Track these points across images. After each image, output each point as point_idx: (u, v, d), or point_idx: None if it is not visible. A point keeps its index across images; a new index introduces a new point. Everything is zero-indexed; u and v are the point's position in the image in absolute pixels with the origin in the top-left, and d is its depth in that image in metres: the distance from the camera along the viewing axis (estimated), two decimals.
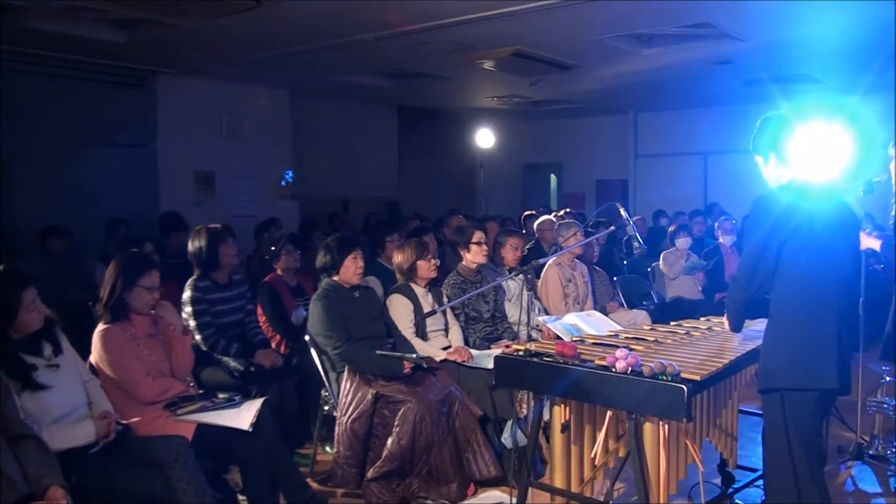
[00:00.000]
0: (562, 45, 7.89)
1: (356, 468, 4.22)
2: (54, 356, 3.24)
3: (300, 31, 7.17)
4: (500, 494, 4.29)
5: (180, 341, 3.81)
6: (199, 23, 6.79)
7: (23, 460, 2.65)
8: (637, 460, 3.04)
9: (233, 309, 4.96)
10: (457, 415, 4.32)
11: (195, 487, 3.14)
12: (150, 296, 3.67)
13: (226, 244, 4.87)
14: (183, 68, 9.06)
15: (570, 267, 6.00)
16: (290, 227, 8.82)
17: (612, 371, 3.05)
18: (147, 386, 3.56)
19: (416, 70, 9.28)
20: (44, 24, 6.89)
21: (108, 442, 3.21)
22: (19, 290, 3.09)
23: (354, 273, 4.61)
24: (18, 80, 8.09)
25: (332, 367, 4.55)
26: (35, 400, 3.05)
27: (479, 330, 5.17)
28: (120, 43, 7.60)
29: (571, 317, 4.80)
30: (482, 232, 5.33)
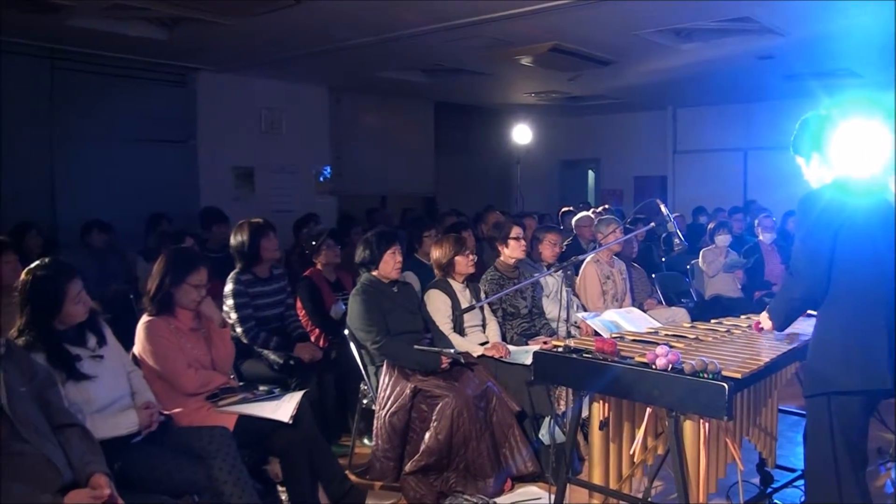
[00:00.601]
0: (601, 40, 7.85)
1: (394, 461, 4.25)
2: (98, 347, 3.30)
3: (339, 27, 7.21)
4: (538, 490, 4.29)
5: (220, 334, 3.87)
6: (240, 20, 6.86)
7: (67, 448, 2.70)
8: (677, 458, 3.02)
9: (273, 303, 5.03)
10: (494, 410, 4.32)
11: (236, 477, 3.19)
12: (196, 293, 3.72)
13: (267, 238, 4.94)
14: (223, 65, 9.16)
15: (609, 264, 5.97)
16: (328, 222, 8.89)
17: (653, 368, 3.03)
18: (189, 378, 3.62)
19: (453, 66, 9.29)
20: (90, 22, 7.02)
21: (151, 432, 3.25)
22: (65, 281, 3.15)
23: (393, 268, 4.63)
24: (64, 77, 8.25)
25: (371, 362, 4.58)
26: (79, 390, 3.11)
27: (516, 326, 5.17)
28: (162, 41, 7.70)
29: (611, 313, 4.77)
30: (520, 227, 5.31)
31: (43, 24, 6.95)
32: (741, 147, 12.63)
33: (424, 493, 4.11)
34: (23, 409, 2.62)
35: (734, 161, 12.75)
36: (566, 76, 9.79)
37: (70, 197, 8.30)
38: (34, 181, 8.09)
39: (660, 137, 13.55)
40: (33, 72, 8.02)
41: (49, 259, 3.28)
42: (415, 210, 11.19)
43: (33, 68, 8.01)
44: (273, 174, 10.25)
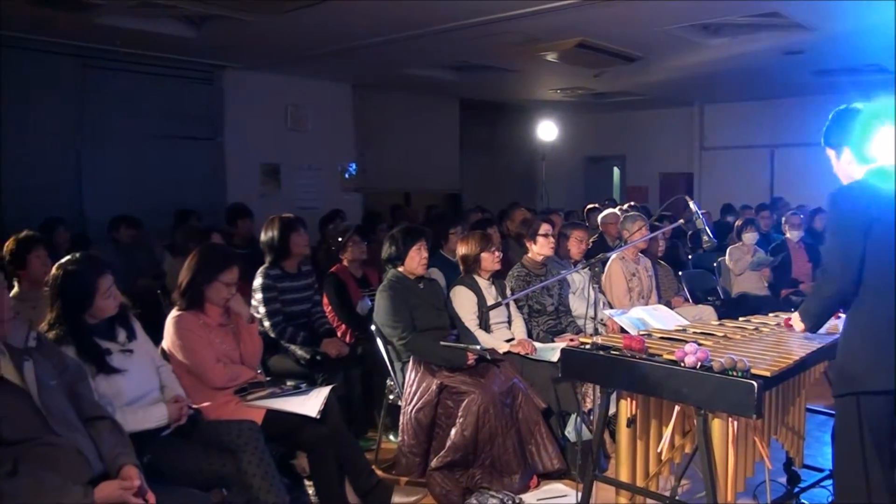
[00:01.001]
0: (628, 36, 7.81)
1: (420, 457, 4.26)
2: (128, 341, 3.33)
3: (366, 24, 7.23)
4: (563, 488, 4.29)
5: (248, 330, 3.89)
6: (267, 18, 6.90)
7: (98, 440, 2.73)
8: (705, 456, 3.00)
9: (301, 298, 5.07)
10: (520, 407, 4.32)
11: (264, 471, 3.21)
12: (227, 291, 3.75)
13: (297, 233, 4.99)
14: (250, 63, 9.24)
15: (634, 261, 5.94)
16: (353, 219, 8.93)
17: (681, 365, 3.01)
18: (217, 372, 3.65)
19: (479, 62, 9.29)
20: (119, 20, 7.10)
21: (180, 425, 3.28)
22: (96, 276, 3.19)
23: (419, 264, 4.64)
24: (93, 75, 8.34)
25: (398, 357, 4.59)
26: (109, 383, 3.14)
27: (542, 323, 5.16)
28: (190, 38, 7.78)
29: (638, 310, 4.76)
30: (549, 224, 5.30)
31: (72, 22, 7.03)
32: (768, 144, 12.53)
33: (450, 489, 4.11)
34: (54, 401, 2.65)
35: (761, 158, 12.64)
36: (592, 72, 9.75)
37: (98, 193, 8.40)
38: (63, 177, 8.22)
39: (686, 134, 13.47)
40: (62, 70, 8.13)
41: (80, 254, 3.32)
42: (439, 207, 11.20)
43: (62, 66, 8.12)
44: (299, 171, 10.33)
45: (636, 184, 14.43)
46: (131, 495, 2.56)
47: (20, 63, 7.71)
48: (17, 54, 7.66)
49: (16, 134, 7.69)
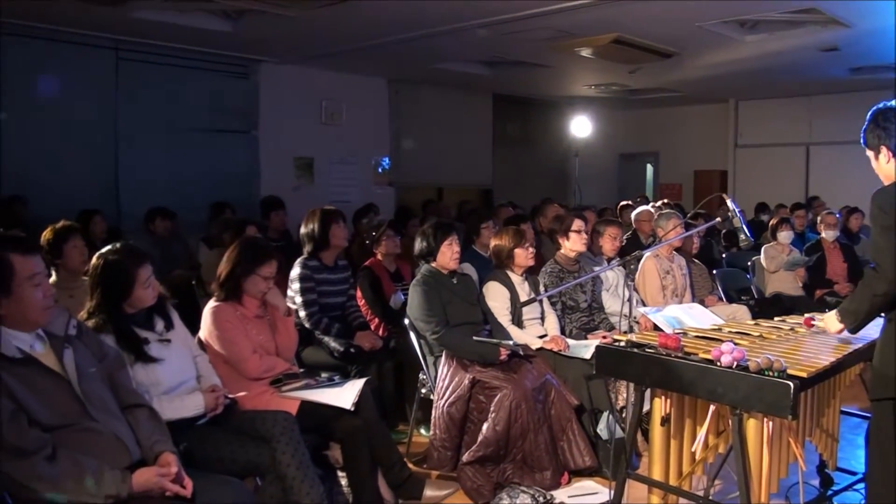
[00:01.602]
0: (664, 32, 7.77)
1: (452, 451, 4.25)
2: (166, 331, 3.36)
3: (401, 19, 7.25)
4: (594, 485, 4.28)
5: (284, 322, 3.93)
6: (303, 12, 6.94)
7: (136, 427, 2.77)
8: (740, 456, 2.98)
9: (337, 291, 5.11)
10: (553, 403, 4.31)
11: (299, 461, 3.23)
12: (265, 284, 3.80)
13: (337, 226, 5.05)
14: (284, 57, 9.29)
15: (668, 259, 5.90)
16: (385, 213, 8.95)
17: (717, 365, 2.99)
18: (253, 363, 3.69)
19: (513, 58, 9.28)
20: (153, 14, 7.20)
21: (216, 414, 3.32)
22: (135, 266, 3.22)
23: (450, 259, 4.64)
24: (128, 68, 8.45)
25: (430, 352, 4.60)
26: (147, 372, 3.17)
27: (575, 319, 5.14)
28: (226, 32, 7.86)
29: (673, 308, 4.73)
30: (582, 220, 5.28)
31: (107, 16, 7.13)
32: (804, 141, 12.39)
33: (481, 484, 4.11)
34: (93, 388, 2.69)
35: (796, 156, 12.50)
36: (627, 68, 9.71)
37: (133, 185, 8.53)
38: (99, 169, 8.35)
39: (721, 131, 13.35)
40: (98, 63, 8.25)
41: (120, 244, 3.36)
42: (471, 202, 11.21)
43: (98, 60, 8.25)
44: (332, 164, 10.39)
45: (670, 181, 14.33)
46: (169, 482, 2.60)
47: (57, 56, 7.85)
48: (54, 47, 7.80)
49: (53, 126, 7.83)
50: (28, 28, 7.48)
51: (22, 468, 2.39)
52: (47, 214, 6.61)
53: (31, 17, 7.23)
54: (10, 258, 2.53)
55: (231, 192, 8.81)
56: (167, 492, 2.59)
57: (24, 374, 2.52)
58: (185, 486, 2.64)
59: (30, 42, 7.62)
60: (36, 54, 7.70)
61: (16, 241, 2.68)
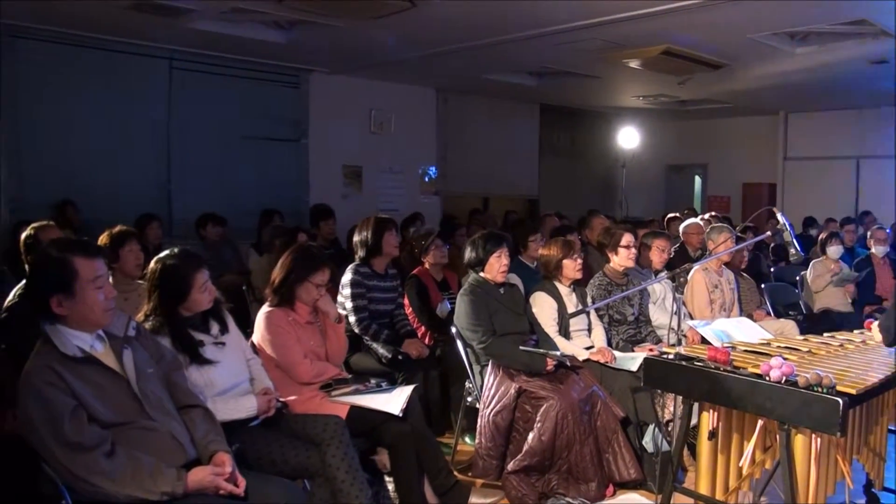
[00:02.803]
0: (714, 43, 7.72)
1: (497, 460, 4.27)
2: (221, 334, 3.44)
3: (452, 30, 7.31)
4: (639, 498, 4.26)
5: (335, 328, 4.00)
6: (356, 23, 7.03)
7: (191, 427, 2.84)
8: (787, 472, 2.96)
9: (386, 298, 5.17)
10: (599, 415, 4.31)
11: (349, 464, 3.28)
12: (317, 292, 3.87)
13: (390, 234, 5.12)
14: (335, 67, 9.42)
15: (717, 273, 5.86)
16: (431, 222, 9.01)
17: (766, 379, 2.98)
18: (305, 367, 3.76)
19: (562, 69, 9.29)
20: (208, 25, 7.34)
21: (268, 416, 3.39)
22: (193, 271, 3.31)
23: (499, 271, 4.64)
24: (182, 77, 8.64)
25: (477, 360, 4.62)
26: (202, 374, 3.25)
27: (622, 332, 5.13)
28: (278, 43, 7.99)
29: (721, 322, 4.70)
30: (631, 235, 5.26)
31: (163, 26, 7.31)
32: (854, 154, 12.18)
33: (526, 493, 4.13)
34: (150, 388, 2.78)
35: (846, 169, 12.29)
36: (676, 80, 9.65)
37: (185, 191, 8.70)
38: (152, 176, 8.53)
39: (770, 143, 13.19)
40: (152, 72, 8.45)
41: (178, 249, 3.45)
42: (517, 212, 11.22)
43: (152, 69, 8.44)
44: (380, 173, 10.51)
45: (718, 193, 14.19)
46: (223, 480, 2.66)
47: (113, 65, 8.06)
48: (111, 57, 8.00)
49: (107, 133, 8.03)
50: (86, 38, 7.71)
51: (81, 462, 2.48)
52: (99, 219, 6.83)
53: (89, 27, 7.46)
54: (74, 261, 2.62)
55: (280, 200, 8.94)
56: (221, 490, 2.65)
57: (84, 373, 2.61)
58: (239, 486, 2.69)
59: (87, 52, 7.85)
60: (93, 64, 7.91)
61: (79, 244, 2.78)
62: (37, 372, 2.55)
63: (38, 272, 2.71)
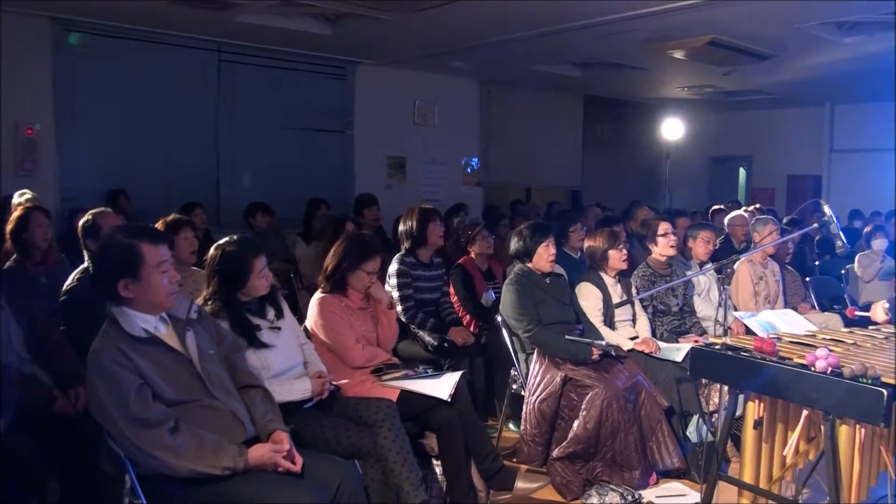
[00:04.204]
0: (761, 34, 7.64)
1: (542, 447, 4.34)
2: (276, 319, 3.56)
3: (496, 22, 7.33)
4: (683, 487, 4.30)
5: (387, 315, 4.10)
6: (402, 15, 7.09)
7: (251, 406, 2.96)
8: (831, 462, 2.99)
9: (432, 287, 5.27)
10: (643, 404, 4.35)
11: (400, 446, 3.39)
12: (368, 279, 3.98)
13: (434, 224, 5.21)
14: (381, 59, 9.50)
15: (762, 265, 5.85)
16: (474, 213, 9.09)
17: (812, 370, 3.01)
18: (357, 352, 3.86)
19: (606, 60, 9.26)
20: (256, 18, 7.46)
21: (322, 399, 3.50)
22: (251, 257, 3.43)
23: (546, 261, 4.70)
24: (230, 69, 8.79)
25: (522, 349, 4.69)
26: (258, 356, 3.36)
27: (666, 323, 5.16)
28: (325, 36, 8.08)
29: (767, 314, 4.71)
30: (667, 223, 5.27)
31: (212, 20, 7.44)
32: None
33: (571, 480, 4.19)
34: (212, 368, 2.90)
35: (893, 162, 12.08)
36: (721, 70, 9.57)
37: (233, 181, 8.86)
38: (201, 166, 8.69)
39: (815, 135, 12.99)
40: (202, 65, 8.60)
41: (237, 236, 3.58)
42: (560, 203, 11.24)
43: (201, 61, 8.59)
44: (423, 164, 10.57)
45: (762, 185, 14.02)
46: (281, 458, 2.77)
47: (164, 57, 8.23)
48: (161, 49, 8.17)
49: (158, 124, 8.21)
50: (137, 31, 7.88)
51: (146, 438, 2.60)
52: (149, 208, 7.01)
53: (140, 20, 7.63)
54: (141, 247, 2.75)
55: (326, 189, 9.05)
56: (280, 467, 2.76)
57: (149, 353, 2.73)
58: (296, 463, 2.80)
59: (138, 45, 8.01)
60: (143, 56, 8.09)
61: (146, 231, 2.91)
62: (104, 351, 2.67)
63: (106, 257, 2.82)
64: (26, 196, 6.19)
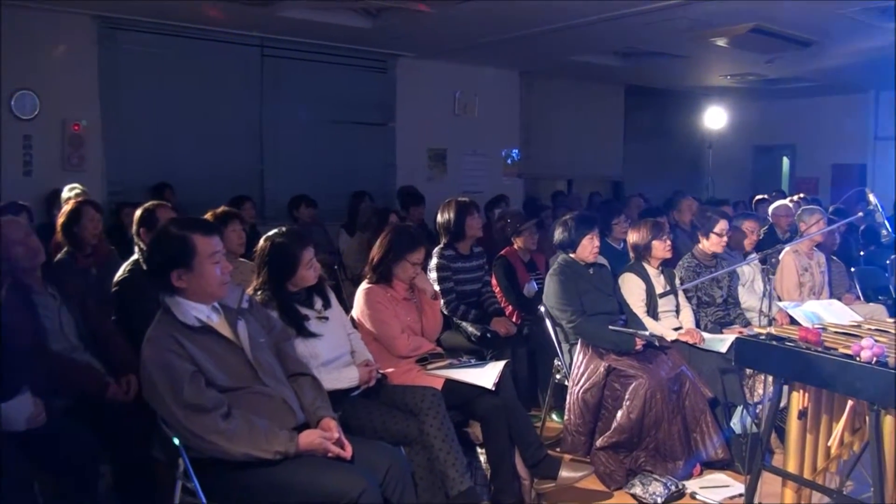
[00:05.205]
0: (805, 20, 7.54)
1: (585, 436, 4.37)
2: (324, 309, 3.64)
3: (536, 12, 7.32)
4: (726, 478, 4.32)
5: (431, 305, 4.16)
6: (442, 8, 7.12)
7: (300, 393, 3.04)
8: (876, 452, 2.98)
9: (472, 278, 5.31)
10: (687, 395, 4.36)
11: (445, 433, 3.45)
12: (413, 270, 4.04)
13: (472, 216, 5.22)
14: (421, 51, 9.53)
15: (808, 255, 5.80)
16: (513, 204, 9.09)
17: (857, 360, 3.00)
18: (402, 342, 3.93)
19: (647, 49, 9.20)
20: (298, 13, 7.53)
21: (369, 387, 3.58)
22: (300, 248, 3.51)
23: (590, 252, 4.72)
24: (273, 64, 8.88)
25: (566, 339, 4.72)
26: (307, 345, 3.44)
27: (710, 314, 5.13)
28: (366, 29, 8.14)
29: (812, 304, 4.67)
30: (727, 223, 5.21)
31: (254, 15, 7.52)
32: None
33: (614, 469, 4.22)
34: (263, 356, 2.98)
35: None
36: (765, 58, 9.44)
37: (276, 174, 8.96)
38: (245, 159, 8.79)
39: (860, 123, 12.73)
40: (244, 60, 8.70)
41: (286, 228, 3.66)
42: (601, 194, 11.20)
43: (244, 57, 8.68)
44: (464, 156, 10.57)
45: (806, 174, 13.80)
46: (331, 444, 2.84)
47: (207, 53, 8.35)
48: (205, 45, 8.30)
49: (202, 118, 8.35)
50: (180, 28, 8.02)
51: (200, 423, 2.69)
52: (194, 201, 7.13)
53: (184, 17, 7.76)
54: (194, 238, 2.83)
55: (368, 182, 9.12)
56: (329, 453, 2.83)
57: (202, 342, 2.82)
58: (346, 449, 2.87)
59: (182, 41, 8.15)
60: (188, 52, 8.22)
61: (198, 222, 3.00)
62: (158, 339, 2.76)
63: (160, 248, 2.90)
64: (76, 190, 6.31)
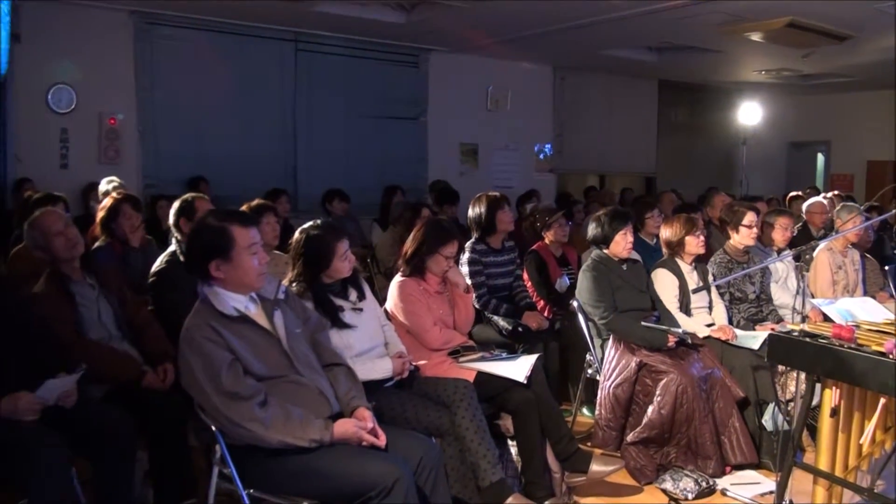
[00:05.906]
0: (840, 14, 7.46)
1: (616, 431, 4.38)
2: (358, 301, 3.68)
3: (569, 8, 7.32)
4: (757, 475, 4.31)
5: (463, 299, 4.19)
6: (474, 3, 7.14)
7: (335, 383, 3.08)
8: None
9: (504, 273, 5.32)
10: (717, 396, 4.35)
11: (477, 425, 3.48)
12: (446, 263, 4.07)
13: (503, 211, 5.25)
14: (454, 46, 9.56)
15: (842, 253, 5.74)
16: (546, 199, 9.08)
17: (890, 357, 2.99)
18: (434, 334, 3.97)
19: (682, 43, 9.16)
20: (332, 8, 7.61)
21: (402, 378, 3.62)
22: (334, 240, 3.55)
23: (624, 248, 4.72)
24: (307, 59, 8.99)
25: (598, 334, 4.73)
26: (341, 336, 3.49)
27: (743, 310, 5.11)
28: (399, 24, 8.20)
29: (846, 301, 4.64)
30: (755, 214, 5.18)
31: (289, 10, 7.62)
32: None
33: (645, 464, 4.23)
34: (298, 346, 3.03)
35: None
36: (800, 53, 9.35)
37: (310, 168, 9.06)
38: (279, 153, 8.92)
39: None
40: (279, 54, 8.81)
41: (321, 220, 3.71)
42: (633, 190, 11.16)
43: (279, 51, 8.80)
44: (496, 151, 10.62)
45: (841, 171, 13.65)
46: (365, 433, 2.88)
47: (241, 48, 8.48)
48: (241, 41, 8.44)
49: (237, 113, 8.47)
50: (216, 23, 8.14)
51: (237, 410, 2.75)
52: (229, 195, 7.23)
53: (219, 13, 7.87)
54: (232, 229, 2.88)
55: (400, 177, 9.18)
56: (363, 442, 2.87)
57: (239, 331, 2.87)
58: (380, 438, 2.91)
59: (217, 36, 8.28)
60: (223, 47, 8.35)
61: (236, 214, 3.07)
62: (197, 328, 2.82)
63: (199, 239, 2.95)
64: (114, 184, 6.39)
